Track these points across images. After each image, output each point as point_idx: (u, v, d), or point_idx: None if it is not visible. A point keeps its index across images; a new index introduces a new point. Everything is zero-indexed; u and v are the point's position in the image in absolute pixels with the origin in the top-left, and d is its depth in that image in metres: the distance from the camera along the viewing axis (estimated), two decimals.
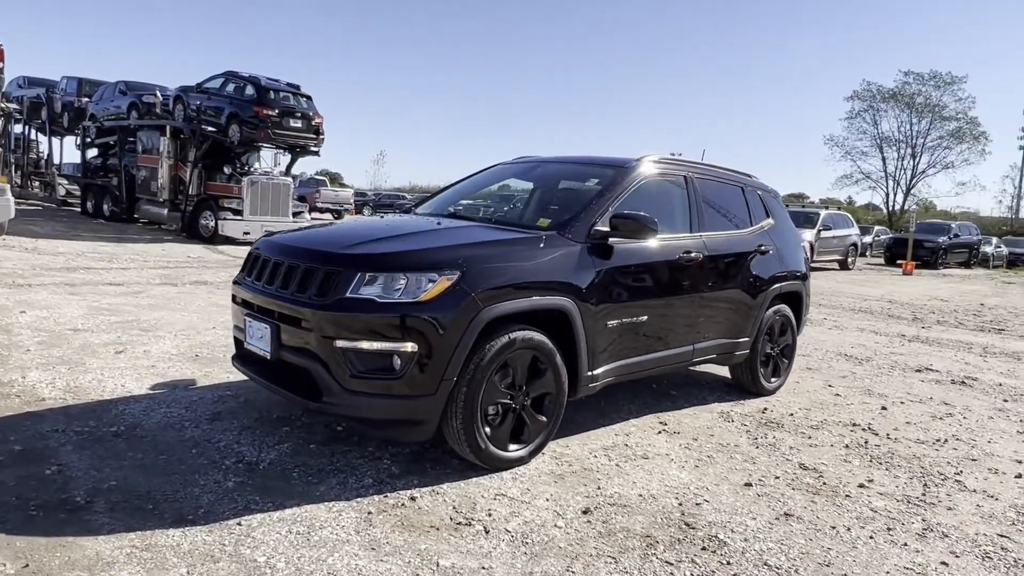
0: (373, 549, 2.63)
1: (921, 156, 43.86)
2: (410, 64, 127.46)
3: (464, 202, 4.80)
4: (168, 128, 16.02)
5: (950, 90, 41.93)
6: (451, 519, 2.91)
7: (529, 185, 4.77)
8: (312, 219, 18.35)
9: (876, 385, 5.94)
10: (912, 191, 44.99)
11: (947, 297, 14.50)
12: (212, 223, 14.96)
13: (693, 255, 4.33)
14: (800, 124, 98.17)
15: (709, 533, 2.94)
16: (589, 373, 3.74)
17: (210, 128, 15.41)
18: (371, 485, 3.19)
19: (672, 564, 2.67)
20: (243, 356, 3.73)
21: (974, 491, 3.64)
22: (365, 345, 3.08)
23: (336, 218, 27.33)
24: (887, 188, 45.79)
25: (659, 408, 4.72)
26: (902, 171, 44.80)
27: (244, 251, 6.11)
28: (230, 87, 15.66)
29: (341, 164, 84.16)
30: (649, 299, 4.06)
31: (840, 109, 73.54)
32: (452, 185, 5.13)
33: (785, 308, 5.33)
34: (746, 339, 4.94)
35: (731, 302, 4.75)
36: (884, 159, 44.60)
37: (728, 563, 2.70)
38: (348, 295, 3.10)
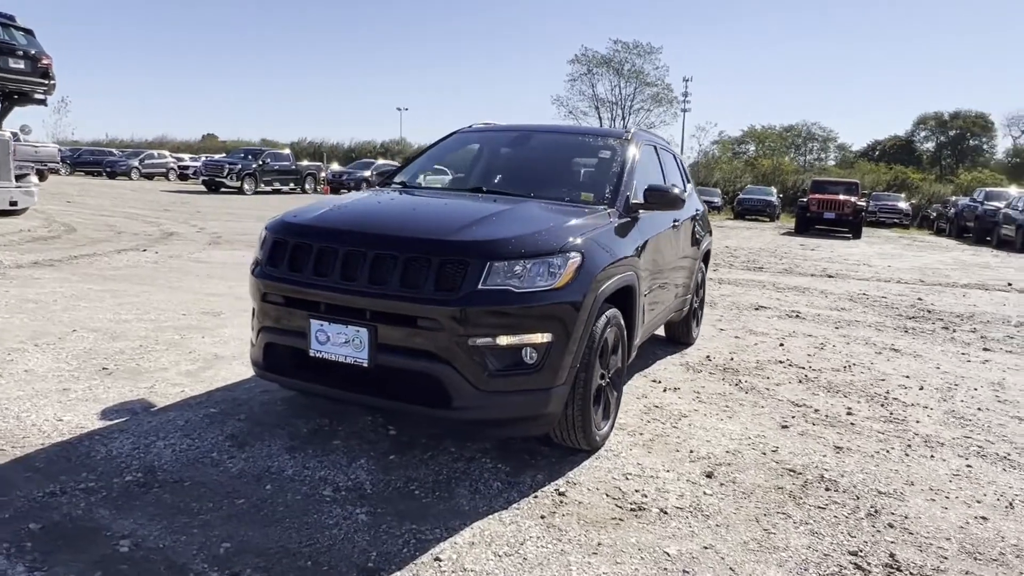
0: (594, 553, 2.51)
1: (629, 117, 49.84)
2: None
3: (458, 174, 4.47)
4: None
5: (650, 59, 48.11)
6: (618, 507, 2.87)
7: (521, 155, 4.57)
8: (37, 183, 14.93)
9: (748, 324, 6.91)
10: None
11: None
12: None
13: (678, 220, 4.63)
14: (531, 85, 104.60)
15: (814, 476, 3.30)
16: (635, 343, 3.86)
17: None
18: (502, 488, 2.98)
19: (823, 508, 2.98)
20: (300, 366, 3.13)
21: (915, 404, 4.54)
22: (504, 340, 2.83)
23: (40, 180, 22.54)
24: None
25: (635, 369, 5.00)
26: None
27: None
28: None
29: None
30: (660, 265, 4.27)
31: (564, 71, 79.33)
32: (421, 154, 4.73)
33: (703, 264, 5.93)
34: (690, 295, 5.42)
35: (690, 261, 5.17)
36: (600, 119, 49.82)
37: (856, 498, 3.09)
38: (481, 287, 2.80)
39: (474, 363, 2.80)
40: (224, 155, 29.96)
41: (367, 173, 30.44)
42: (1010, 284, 11.35)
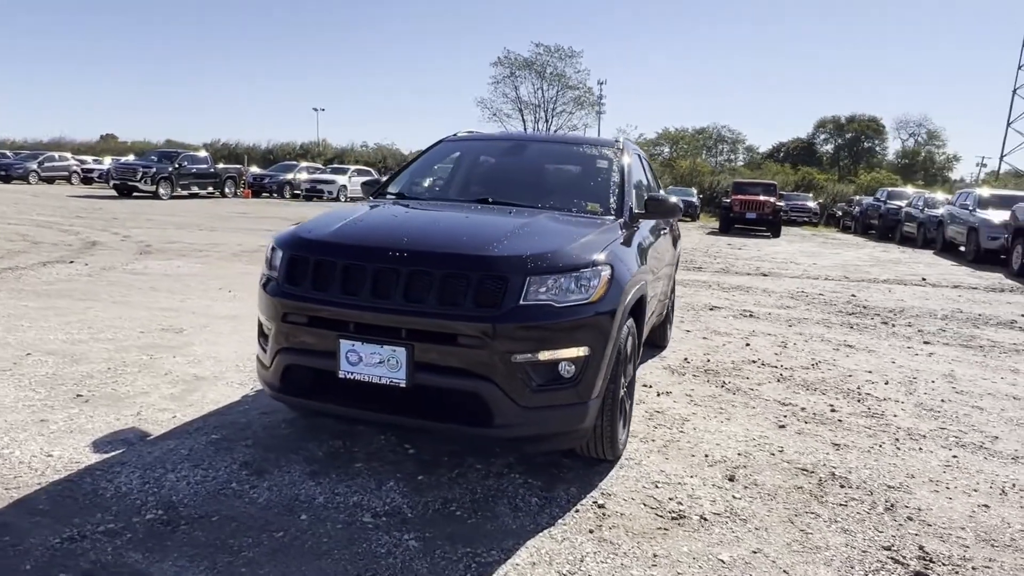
0: (653, 565, 2.54)
1: (552, 119, 50.55)
2: None
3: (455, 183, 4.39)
4: None
5: (571, 62, 48.90)
6: (659, 516, 2.91)
7: (519, 164, 4.53)
8: None
9: (709, 324, 7.13)
10: None
11: None
12: None
13: (664, 226, 4.73)
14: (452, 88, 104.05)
15: (825, 474, 3.45)
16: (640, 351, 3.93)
17: None
18: (542, 504, 2.97)
19: (845, 505, 3.11)
20: (326, 388, 3.00)
21: (887, 399, 4.81)
22: (544, 355, 2.81)
23: None
24: None
25: None
26: (538, 132, 51.05)
27: None
28: None
29: None
30: (655, 272, 4.35)
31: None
32: (410, 164, 4.63)
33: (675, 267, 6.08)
34: (668, 300, 5.55)
35: (670, 266, 5.29)
36: (524, 122, 50.26)
37: (870, 493, 3.25)
38: (522, 303, 2.78)
39: (516, 379, 2.77)
40: (135, 157, 28.31)
41: (290, 176, 29.54)
42: (924, 279, 12.20)
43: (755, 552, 2.67)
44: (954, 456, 3.78)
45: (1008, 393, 5.08)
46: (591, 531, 2.76)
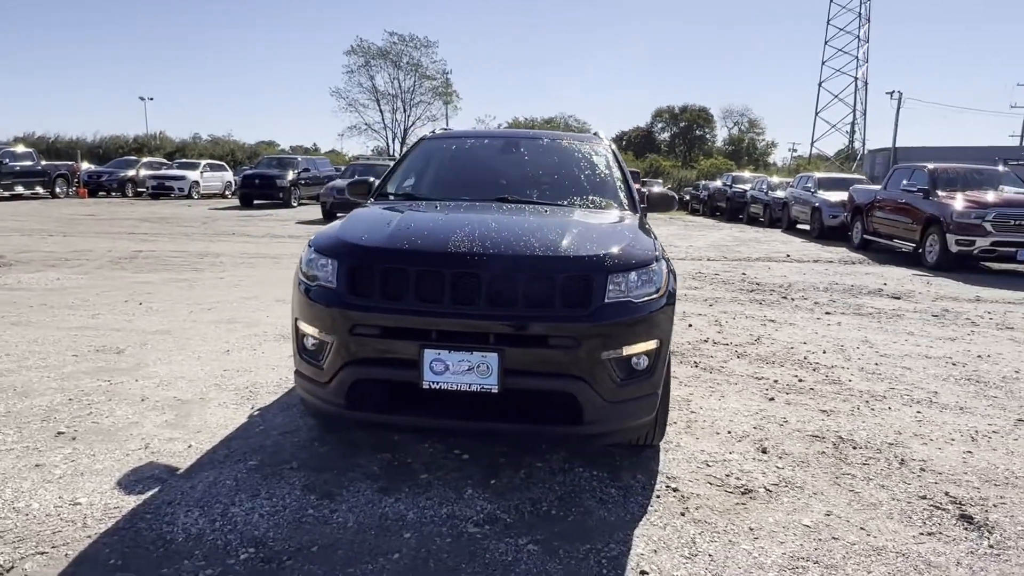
0: (755, 538, 2.72)
1: (411, 110, 49.94)
2: None
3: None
4: None
5: (427, 52, 48.48)
6: (729, 493, 3.11)
7: (522, 161, 4.47)
8: None
9: None
10: (407, 141, 51.00)
11: None
12: None
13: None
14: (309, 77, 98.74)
15: (834, 438, 3.82)
16: None
17: None
18: (622, 494, 3.07)
19: (868, 464, 3.48)
20: (404, 401, 2.88)
21: (834, 366, 5.36)
22: (627, 351, 2.90)
23: None
24: (386, 138, 51.12)
25: None
26: (397, 123, 50.41)
27: None
28: None
29: None
30: None
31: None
32: (399, 165, 4.47)
33: None
34: None
35: None
36: (381, 112, 49.24)
37: (879, 451, 3.65)
38: (607, 301, 2.84)
39: (604, 376, 2.84)
40: None
41: (131, 172, 26.96)
42: (788, 256, 13.52)
43: (828, 514, 2.94)
44: (918, 412, 4.32)
45: (919, 353, 5.84)
46: (682, 514, 2.90)
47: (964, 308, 8.07)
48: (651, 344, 2.99)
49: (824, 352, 5.78)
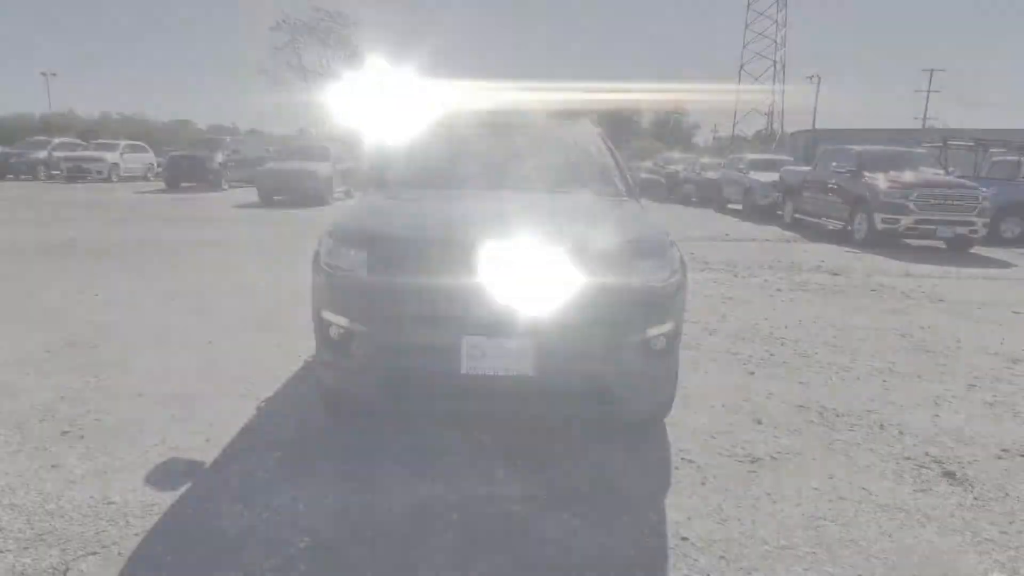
0: (775, 501, 2.94)
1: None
2: None
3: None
4: None
5: (355, 30, 47.11)
6: (740, 463, 3.33)
7: (503, 142, 4.51)
8: None
9: None
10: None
11: None
12: None
13: None
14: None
15: (818, 407, 4.11)
16: None
17: None
18: (648, 469, 3.25)
19: (853, 430, 3.77)
20: (441, 388, 2.94)
21: (797, 340, 5.70)
22: (651, 332, 3.06)
23: None
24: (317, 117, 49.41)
25: None
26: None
27: None
28: None
29: None
30: None
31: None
32: (390, 153, 4.45)
33: None
34: None
35: None
36: (311, 91, 47.50)
37: (860, 418, 3.96)
38: (633, 286, 2.99)
39: (633, 358, 2.99)
40: None
41: (43, 154, 25.33)
42: (727, 235, 14.08)
43: (831, 477, 3.20)
44: (884, 380, 4.69)
45: (867, 326, 6.28)
46: (703, 483, 3.10)
47: (897, 283, 8.67)
48: (669, 325, 3.15)
49: (787, 327, 6.14)
